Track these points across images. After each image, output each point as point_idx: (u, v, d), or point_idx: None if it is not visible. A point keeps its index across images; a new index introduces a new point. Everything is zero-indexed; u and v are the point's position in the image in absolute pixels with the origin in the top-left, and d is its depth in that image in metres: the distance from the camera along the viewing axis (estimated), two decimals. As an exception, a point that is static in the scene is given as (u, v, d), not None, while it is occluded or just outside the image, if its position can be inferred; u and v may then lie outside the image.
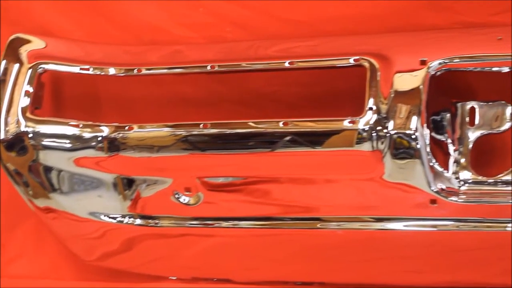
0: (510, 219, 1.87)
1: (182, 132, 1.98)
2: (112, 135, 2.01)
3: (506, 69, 1.87)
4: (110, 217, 2.12)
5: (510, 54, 1.83)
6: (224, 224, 2.07)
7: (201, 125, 1.96)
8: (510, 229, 1.87)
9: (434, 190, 1.87)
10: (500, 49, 1.85)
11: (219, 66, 2.01)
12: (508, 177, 1.90)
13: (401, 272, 2.03)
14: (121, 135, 2.00)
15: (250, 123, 1.94)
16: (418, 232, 1.95)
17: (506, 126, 1.92)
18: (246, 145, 1.95)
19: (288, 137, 1.91)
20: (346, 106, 1.97)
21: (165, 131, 2.00)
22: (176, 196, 2.05)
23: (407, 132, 1.84)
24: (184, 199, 2.05)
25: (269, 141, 1.93)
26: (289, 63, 1.97)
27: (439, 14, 2.02)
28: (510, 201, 1.87)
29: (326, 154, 1.91)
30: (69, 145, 2.04)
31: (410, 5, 2.03)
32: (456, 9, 2.01)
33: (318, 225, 2.00)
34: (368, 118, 1.86)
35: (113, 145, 2.01)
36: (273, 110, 2.12)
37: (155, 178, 2.06)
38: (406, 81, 1.86)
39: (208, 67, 2.02)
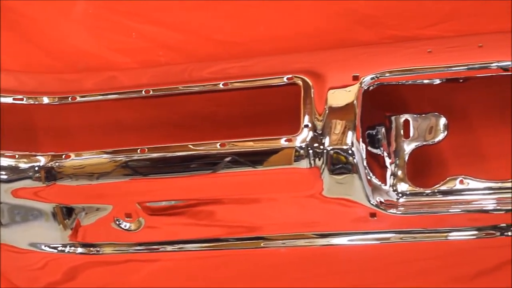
0: (450, 228, 1.89)
1: (120, 158, 1.97)
2: (49, 165, 1.99)
3: (437, 81, 1.91)
4: (51, 247, 2.10)
5: (441, 66, 1.86)
6: (169, 248, 2.06)
7: (138, 150, 1.95)
8: (452, 238, 1.89)
9: (373, 204, 1.89)
10: (431, 62, 1.87)
11: (153, 90, 2.01)
12: (444, 187, 1.92)
13: (347, 286, 2.03)
14: (58, 164, 1.98)
15: (189, 146, 1.94)
16: (362, 246, 1.96)
17: (440, 137, 1.95)
18: (185, 168, 1.95)
19: (227, 158, 1.91)
20: (283, 124, 1.97)
21: (104, 157, 1.99)
22: (117, 222, 2.04)
23: (343, 147, 1.85)
24: (125, 225, 2.04)
25: (207, 162, 1.93)
26: (223, 84, 1.97)
27: (370, 30, 2.05)
28: (449, 211, 1.89)
29: (266, 173, 1.92)
30: (5, 177, 2.01)
31: (341, 21, 2.06)
32: (386, 24, 2.04)
33: (262, 244, 2.00)
34: (305, 135, 1.87)
35: (50, 175, 1.99)
36: (211, 132, 2.12)
37: (95, 205, 2.04)
38: (339, 97, 1.88)
39: (143, 92, 2.01)
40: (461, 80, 1.89)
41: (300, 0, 2.08)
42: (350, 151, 1.85)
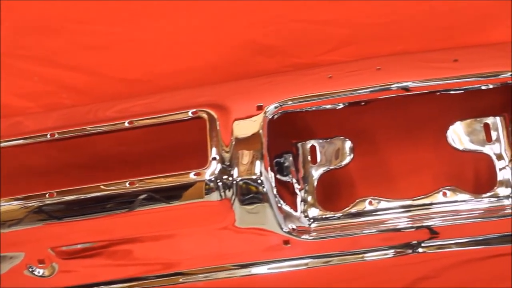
0: (365, 249, 1.91)
1: (30, 204, 1.94)
2: (-44, 216, 1.95)
3: (340, 106, 1.92)
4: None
5: (342, 90, 1.89)
6: (86, 291, 2.03)
7: (47, 195, 1.93)
8: (368, 259, 1.91)
9: (286, 231, 1.90)
10: (332, 87, 1.90)
11: (59, 133, 1.99)
12: (354, 210, 1.94)
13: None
14: (-35, 215, 1.95)
15: (98, 187, 1.93)
16: (283, 273, 1.96)
17: (347, 160, 1.97)
18: (95, 209, 1.93)
19: (137, 196, 1.90)
20: (192, 159, 1.98)
21: (14, 204, 1.96)
22: (30, 269, 2.00)
23: (252, 177, 1.86)
24: (39, 271, 2.01)
25: (118, 202, 1.92)
26: (128, 122, 1.97)
27: (272, 59, 2.08)
28: (362, 232, 1.90)
29: (178, 208, 1.91)
30: None
31: (243, 53, 2.08)
32: (287, 52, 2.07)
33: (181, 280, 1.99)
34: (213, 168, 1.88)
35: (-42, 226, 1.95)
36: (121, 171, 2.10)
37: (7, 254, 2.00)
38: (245, 128, 1.89)
39: (48, 136, 1.99)
40: (362, 103, 1.92)
41: (201, 34, 2.09)
42: (259, 181, 1.86)
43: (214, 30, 2.09)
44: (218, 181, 1.87)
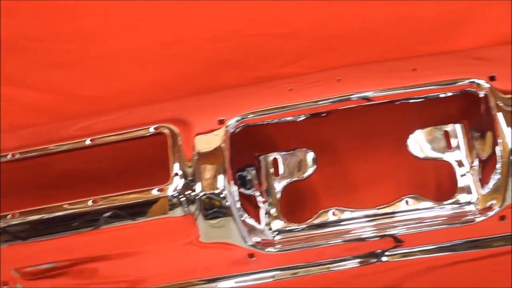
0: (331, 260, 1.91)
1: (-8, 226, 1.93)
2: None
3: (302, 117, 1.93)
4: None
5: (302, 102, 1.90)
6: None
7: (9, 216, 1.92)
8: (334, 269, 1.91)
9: (250, 244, 1.90)
10: (292, 99, 1.91)
11: (20, 153, 1.98)
12: (318, 221, 1.95)
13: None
14: None
15: (59, 206, 1.93)
16: (249, 286, 1.95)
17: (310, 171, 1.98)
18: (59, 228, 1.93)
19: (101, 213, 1.90)
20: (157, 174, 1.97)
21: (-24, 227, 1.94)
22: (-5, 292, 1.99)
23: (215, 191, 1.86)
24: (3, 294, 1.99)
25: (82, 221, 1.92)
26: (90, 140, 1.96)
27: (231, 73, 2.08)
28: (327, 243, 1.91)
29: (143, 224, 1.91)
30: None
31: (204, 67, 2.08)
32: (245, 66, 2.08)
33: (149, 297, 1.98)
34: (176, 183, 1.88)
35: None
36: (84, 189, 2.08)
37: (-28, 278, 1.99)
38: (207, 142, 1.90)
39: (9, 156, 1.98)
40: (323, 114, 1.93)
41: (160, 50, 2.09)
42: (222, 195, 1.86)
43: (173, 46, 2.10)
44: (181, 196, 1.87)
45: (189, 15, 2.07)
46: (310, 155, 1.98)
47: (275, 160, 2.02)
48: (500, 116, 1.83)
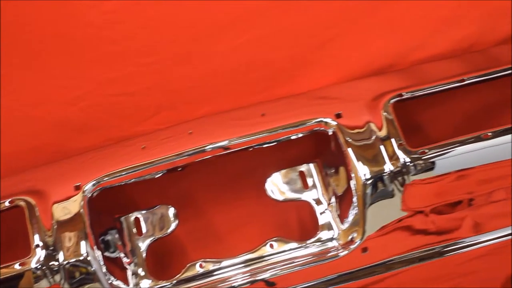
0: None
1: None
2: None
3: (159, 174, 1.93)
4: None
5: (156, 159, 1.90)
6: None
7: None
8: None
9: (120, 310, 1.88)
10: (146, 157, 1.91)
11: None
12: (186, 275, 1.94)
13: None
14: None
15: None
16: None
17: (172, 227, 1.98)
18: None
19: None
20: (19, 247, 1.93)
21: None
22: None
23: (79, 258, 1.84)
24: None
25: None
26: None
27: (88, 135, 2.06)
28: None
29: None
30: None
31: (59, 132, 2.05)
32: (103, 127, 2.06)
33: None
34: (38, 255, 1.85)
35: None
36: None
37: None
38: (65, 210, 1.88)
39: None
40: (180, 169, 1.93)
41: (14, 116, 2.04)
42: (86, 261, 1.84)
43: (27, 111, 2.05)
44: (45, 267, 1.83)
45: (42, 78, 2.04)
46: (171, 211, 1.98)
47: (136, 219, 2.01)
48: (350, 151, 1.88)
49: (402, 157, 1.87)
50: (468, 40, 2.09)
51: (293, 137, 1.93)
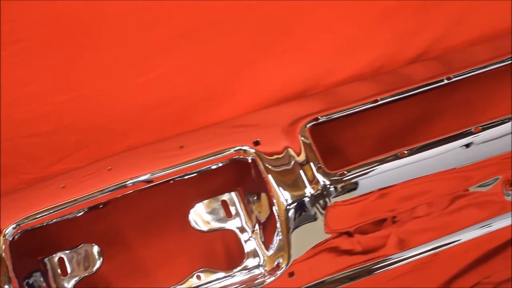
0: None
1: None
2: None
3: (81, 212, 1.91)
4: None
5: (76, 198, 1.89)
6: None
7: None
8: None
9: None
10: (66, 196, 1.89)
11: None
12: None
13: None
14: None
15: None
16: None
17: (98, 265, 1.96)
18: None
19: None
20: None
21: None
22: None
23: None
24: None
25: None
26: None
27: (6, 177, 2.03)
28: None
29: None
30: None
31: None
32: (18, 169, 2.03)
33: None
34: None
35: None
36: None
37: None
38: (-12, 255, 1.85)
39: None
40: (101, 206, 1.92)
41: None
42: (11, 307, 1.82)
43: None
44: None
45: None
46: (95, 249, 1.96)
47: (61, 259, 1.98)
48: (270, 178, 1.90)
49: (322, 180, 1.89)
50: (378, 61, 2.13)
51: (213, 167, 1.94)
